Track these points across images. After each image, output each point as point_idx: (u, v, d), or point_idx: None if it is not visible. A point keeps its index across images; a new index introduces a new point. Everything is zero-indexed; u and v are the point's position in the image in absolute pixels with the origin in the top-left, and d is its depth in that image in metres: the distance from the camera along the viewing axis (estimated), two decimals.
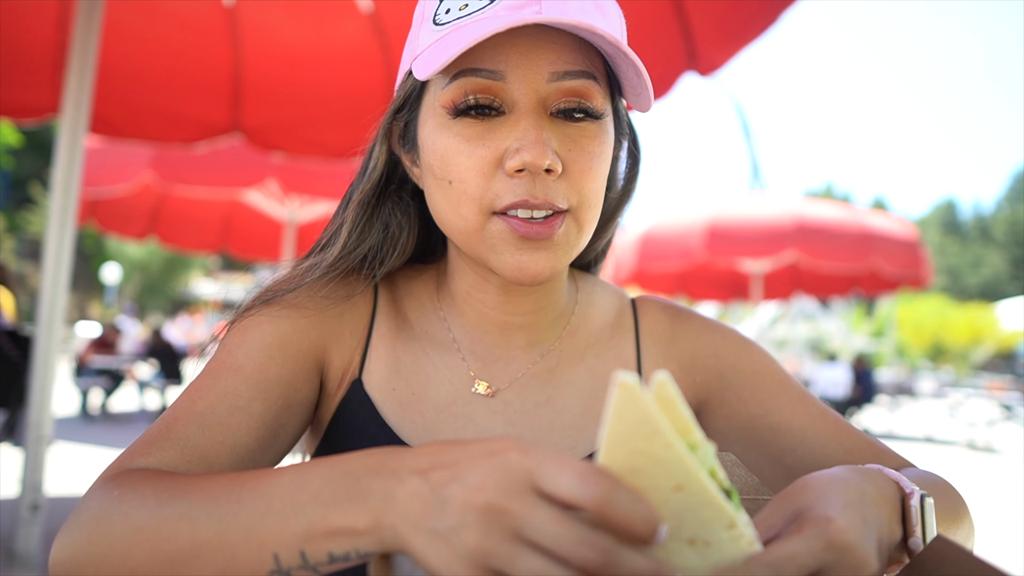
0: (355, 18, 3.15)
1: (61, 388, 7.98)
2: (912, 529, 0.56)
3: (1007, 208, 78.68)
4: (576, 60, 0.67)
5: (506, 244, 0.67)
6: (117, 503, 0.56)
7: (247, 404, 0.67)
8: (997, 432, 12.71)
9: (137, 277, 26.61)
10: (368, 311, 0.80)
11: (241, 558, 0.50)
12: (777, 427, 0.78)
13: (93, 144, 5.18)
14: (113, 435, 7.82)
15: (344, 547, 0.47)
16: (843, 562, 0.47)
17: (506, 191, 0.66)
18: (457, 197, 0.68)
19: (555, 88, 0.66)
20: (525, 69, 0.65)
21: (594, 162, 0.69)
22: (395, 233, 0.78)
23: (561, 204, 0.67)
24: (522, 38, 0.65)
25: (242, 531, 0.50)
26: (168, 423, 0.66)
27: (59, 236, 2.94)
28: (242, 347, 0.71)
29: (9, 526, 3.16)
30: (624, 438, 0.41)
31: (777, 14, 2.37)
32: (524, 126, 0.65)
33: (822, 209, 7.83)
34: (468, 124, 0.67)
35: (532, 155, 0.64)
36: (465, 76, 0.65)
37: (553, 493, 0.41)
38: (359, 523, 0.46)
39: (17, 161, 21.21)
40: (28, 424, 2.92)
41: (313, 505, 0.48)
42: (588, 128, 0.68)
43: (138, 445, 0.64)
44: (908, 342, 32.84)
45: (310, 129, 3.57)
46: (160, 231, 7.44)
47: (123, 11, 3.12)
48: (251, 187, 5.68)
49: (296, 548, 0.48)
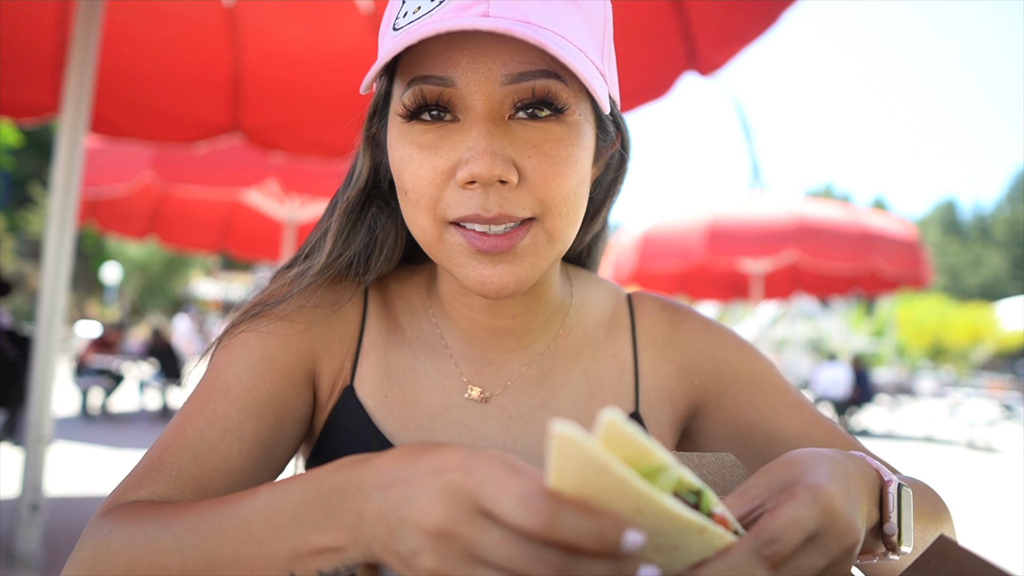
0: (355, 18, 3.15)
1: (61, 388, 7.98)
2: (888, 515, 0.57)
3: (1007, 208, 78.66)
4: (532, 59, 0.62)
5: (465, 257, 0.64)
6: (108, 541, 0.56)
7: (237, 427, 0.66)
8: (997, 432, 12.70)
9: (137, 277, 26.61)
10: (358, 317, 0.79)
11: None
12: (773, 435, 0.77)
13: (93, 144, 5.18)
14: (113, 435, 7.82)
15: (331, 563, 0.48)
16: (833, 527, 0.48)
17: (457, 203, 0.63)
18: (412, 207, 0.65)
19: (511, 91, 0.62)
20: (475, 73, 0.61)
21: (559, 167, 0.63)
22: (381, 238, 0.77)
23: (521, 213, 0.63)
24: (471, 41, 0.61)
25: (230, 562, 0.51)
26: (159, 453, 0.64)
27: (59, 236, 2.94)
28: (230, 367, 0.70)
29: (9, 526, 3.16)
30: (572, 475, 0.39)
31: (777, 14, 2.37)
32: (475, 135, 0.61)
33: (822, 209, 7.83)
34: (421, 131, 0.64)
35: (480, 166, 0.60)
36: (416, 84, 0.63)
37: (497, 517, 0.40)
38: (339, 541, 0.47)
39: (17, 161, 21.21)
40: (28, 424, 2.92)
41: (292, 528, 0.49)
42: (552, 130, 0.63)
43: (131, 478, 0.63)
44: (908, 342, 32.84)
45: (310, 129, 3.57)
46: (160, 231, 7.44)
47: (123, 11, 3.12)
48: (251, 187, 5.68)
49: (285, 570, 0.49)
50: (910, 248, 7.63)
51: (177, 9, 3.19)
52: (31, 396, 2.92)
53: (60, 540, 3.67)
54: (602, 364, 0.80)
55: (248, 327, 0.72)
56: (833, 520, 0.48)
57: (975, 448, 10.91)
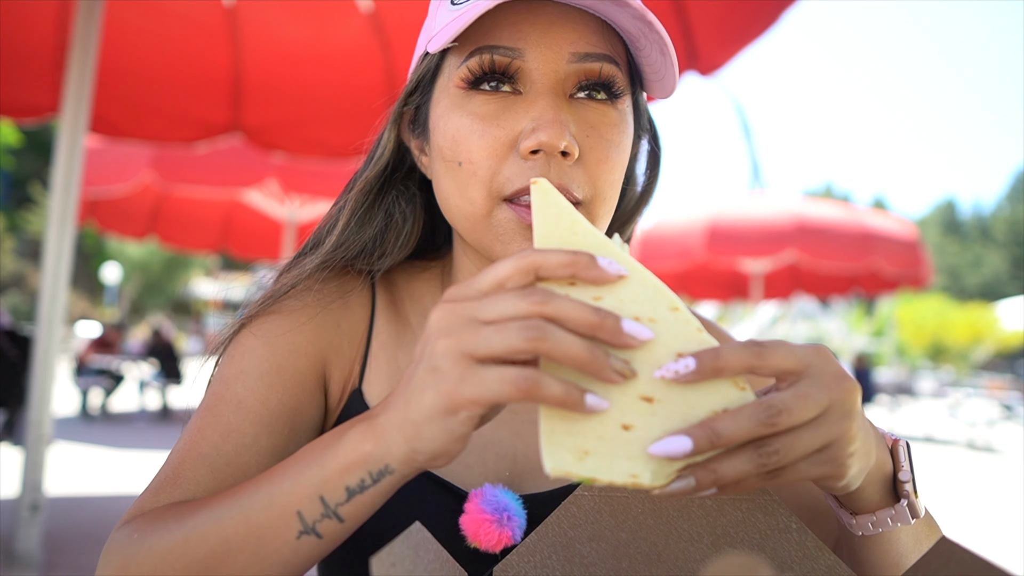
0: (355, 18, 3.15)
1: (61, 388, 7.97)
2: (900, 464, 0.57)
3: (1007, 208, 78.67)
4: (597, 43, 0.64)
5: (513, 234, 0.63)
6: (139, 543, 0.55)
7: (253, 441, 0.65)
8: (997, 432, 12.70)
9: (137, 277, 26.61)
10: (366, 316, 0.77)
11: (269, 533, 0.51)
12: None
13: (93, 144, 5.18)
14: (113, 435, 7.82)
15: (358, 475, 0.49)
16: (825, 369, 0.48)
17: (517, 174, 0.62)
18: (466, 179, 0.64)
19: (575, 70, 0.63)
20: (545, 48, 0.62)
21: (612, 151, 0.65)
22: (399, 222, 0.74)
23: (576, 193, 0.63)
24: (542, 16, 0.63)
25: (264, 506, 0.52)
26: (174, 468, 0.63)
27: (59, 236, 2.94)
28: (240, 378, 0.68)
29: (9, 526, 3.16)
30: (550, 232, 0.47)
31: (777, 14, 2.37)
32: (542, 105, 0.62)
33: (822, 209, 7.83)
34: (483, 102, 0.63)
35: (548, 135, 0.60)
36: (482, 53, 0.62)
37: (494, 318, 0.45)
38: (365, 444, 0.49)
39: (17, 161, 21.22)
40: (28, 424, 2.92)
41: (322, 452, 0.51)
42: (608, 114, 0.65)
43: (147, 494, 0.62)
44: (908, 342, 32.85)
45: (310, 129, 3.57)
46: (160, 231, 7.44)
47: (123, 11, 3.12)
48: (251, 187, 5.69)
49: (315, 497, 0.50)
50: (910, 248, 7.63)
51: (177, 9, 3.19)
52: (31, 396, 2.92)
53: (60, 540, 3.67)
54: None
55: (254, 332, 0.70)
56: (825, 361, 0.48)
57: (975, 448, 10.91)
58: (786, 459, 0.46)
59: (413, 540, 0.54)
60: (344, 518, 0.50)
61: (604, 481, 0.45)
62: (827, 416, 0.47)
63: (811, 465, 0.48)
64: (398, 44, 3.16)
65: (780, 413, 0.45)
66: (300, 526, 0.50)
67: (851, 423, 0.48)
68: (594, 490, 0.58)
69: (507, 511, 0.66)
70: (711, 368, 0.47)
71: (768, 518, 0.58)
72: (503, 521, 0.66)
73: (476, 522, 0.65)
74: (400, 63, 3.20)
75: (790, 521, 0.58)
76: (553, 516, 0.57)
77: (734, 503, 0.58)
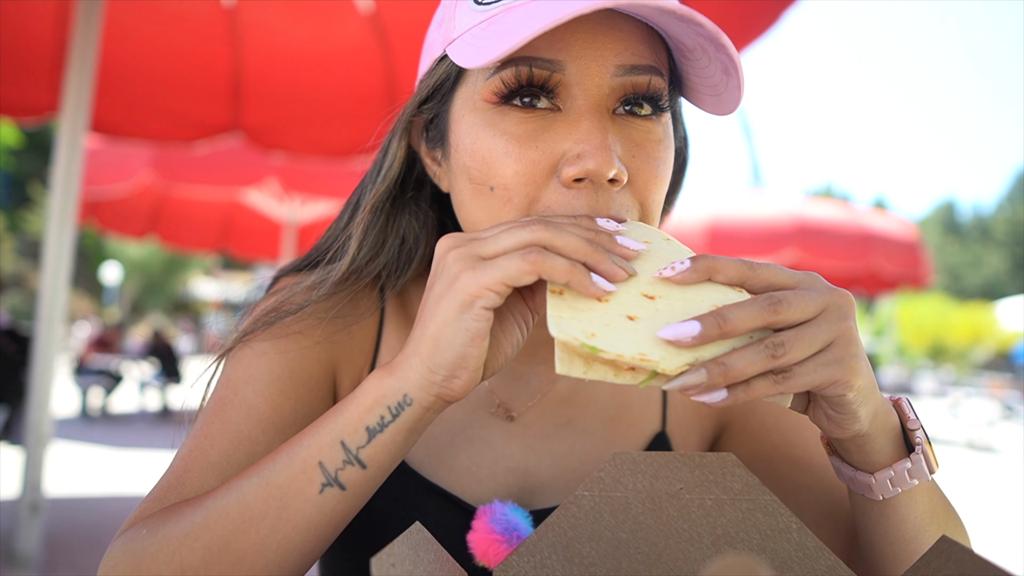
0: (355, 18, 3.15)
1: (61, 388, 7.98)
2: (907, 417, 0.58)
3: (1007, 208, 78.66)
4: (644, 53, 0.57)
5: None
6: (149, 537, 0.53)
7: (266, 450, 0.61)
8: (997, 432, 12.70)
9: (137, 277, 26.61)
10: (375, 323, 0.73)
11: (291, 491, 0.51)
12: (798, 461, 0.74)
13: (93, 144, 5.18)
14: (113, 435, 7.82)
15: (378, 413, 0.50)
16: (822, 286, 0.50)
17: (560, 204, 0.56)
18: (499, 207, 0.58)
19: (620, 83, 0.57)
20: (589, 60, 0.56)
21: (660, 169, 0.60)
22: (410, 244, 0.70)
23: (626, 216, 0.58)
24: (584, 24, 0.56)
25: (284, 465, 0.51)
26: (179, 476, 0.60)
27: (59, 236, 2.94)
28: (249, 383, 0.64)
29: (9, 526, 3.16)
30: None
31: (778, 15, 2.37)
32: (586, 127, 0.55)
33: (822, 209, 7.82)
34: (517, 121, 0.57)
35: (596, 163, 0.54)
36: (517, 66, 0.56)
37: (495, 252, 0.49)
38: (384, 380, 0.51)
39: (17, 161, 21.22)
40: (28, 424, 2.92)
41: (343, 405, 0.53)
42: (653, 130, 0.59)
43: (149, 501, 0.59)
44: (908, 342, 32.84)
45: (310, 129, 3.57)
46: (160, 231, 7.44)
47: (123, 11, 3.12)
48: (251, 187, 5.68)
49: (336, 443, 0.50)
50: (910, 248, 7.63)
51: (177, 9, 3.19)
52: (31, 396, 2.92)
53: (60, 540, 3.67)
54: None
55: (263, 338, 0.66)
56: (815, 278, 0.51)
57: (975, 448, 10.91)
58: (793, 354, 0.47)
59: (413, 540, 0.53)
60: (366, 463, 0.50)
61: (612, 354, 0.45)
62: (826, 315, 0.49)
63: (819, 366, 0.48)
64: (398, 44, 3.16)
65: (781, 302, 0.47)
66: (322, 478, 0.50)
67: (850, 323, 0.49)
68: (594, 490, 0.58)
69: (516, 531, 0.63)
70: (705, 268, 0.50)
71: (768, 518, 0.58)
72: (512, 541, 0.63)
73: (485, 541, 0.63)
74: (400, 63, 3.19)
75: (790, 521, 0.58)
76: (553, 516, 0.57)
77: (734, 503, 0.58)
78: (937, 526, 0.60)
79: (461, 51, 0.57)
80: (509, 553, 0.63)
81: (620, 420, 0.76)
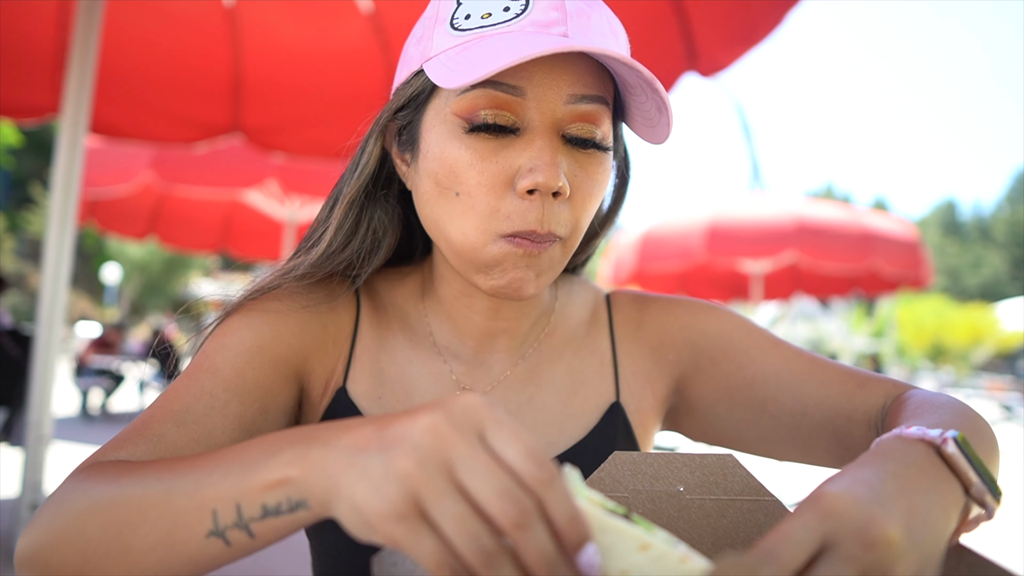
0: (355, 18, 3.15)
1: (61, 388, 7.97)
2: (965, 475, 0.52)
3: (1007, 208, 78.67)
4: (593, 84, 0.66)
5: (506, 264, 0.67)
6: (80, 488, 0.55)
7: (223, 405, 0.67)
8: (997, 432, 12.67)
9: (137, 277, 26.61)
10: (351, 320, 0.80)
11: (183, 519, 0.49)
12: (754, 379, 0.79)
13: (93, 144, 5.18)
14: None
15: (277, 497, 0.46)
16: (845, 530, 0.42)
17: (517, 214, 0.65)
18: (462, 211, 0.66)
19: (570, 111, 0.66)
20: (546, 88, 0.64)
21: (595, 190, 0.69)
22: (380, 236, 0.77)
23: (559, 231, 0.67)
24: (545, 58, 0.64)
25: (188, 491, 0.50)
26: (143, 421, 0.65)
27: (59, 236, 2.94)
28: (220, 351, 0.70)
29: (9, 526, 3.16)
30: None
31: (781, 15, 2.36)
32: (539, 146, 0.64)
33: (822, 209, 7.81)
34: (482, 137, 0.65)
35: (545, 176, 0.63)
36: (485, 88, 0.64)
37: (498, 452, 0.41)
38: (292, 469, 0.46)
39: (17, 161, 21.22)
40: (28, 424, 2.92)
41: (255, 457, 0.48)
42: (595, 154, 0.68)
43: (112, 442, 0.64)
44: (908, 342, 32.85)
45: (310, 129, 3.57)
46: (160, 231, 7.43)
47: (123, 11, 3.12)
48: (251, 187, 5.68)
49: (233, 503, 0.48)
50: (910, 249, 7.62)
51: (177, 9, 3.19)
52: (31, 396, 2.92)
53: None
54: (584, 360, 0.83)
55: (240, 316, 0.73)
56: (841, 522, 0.42)
57: None
58: None
59: None
60: (254, 534, 0.48)
61: None
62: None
63: None
64: (398, 44, 3.15)
65: None
66: (212, 526, 0.48)
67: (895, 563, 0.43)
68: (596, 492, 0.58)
69: None
70: None
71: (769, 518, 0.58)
72: None
73: None
74: (401, 60, 3.19)
75: None
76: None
77: (735, 504, 0.58)
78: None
79: (437, 71, 0.64)
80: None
81: (576, 394, 0.81)
